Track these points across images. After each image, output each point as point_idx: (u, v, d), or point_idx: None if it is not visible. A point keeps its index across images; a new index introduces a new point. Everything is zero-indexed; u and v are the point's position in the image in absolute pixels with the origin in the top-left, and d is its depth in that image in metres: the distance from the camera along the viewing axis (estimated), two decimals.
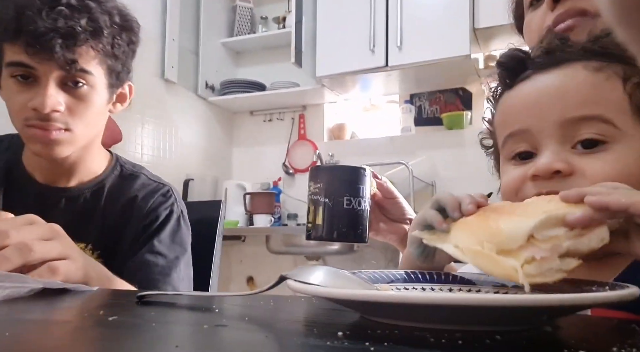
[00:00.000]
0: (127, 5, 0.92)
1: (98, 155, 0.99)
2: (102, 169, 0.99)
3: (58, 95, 0.83)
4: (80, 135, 0.88)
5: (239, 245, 3.01)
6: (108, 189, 0.98)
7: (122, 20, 0.89)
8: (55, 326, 0.40)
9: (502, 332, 0.33)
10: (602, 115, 0.50)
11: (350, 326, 0.38)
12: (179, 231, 0.98)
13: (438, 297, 0.33)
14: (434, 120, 2.84)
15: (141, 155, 2.55)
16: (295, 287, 0.39)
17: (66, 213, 0.93)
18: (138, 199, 0.97)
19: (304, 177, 3.05)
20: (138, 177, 1.01)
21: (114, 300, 0.57)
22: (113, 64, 0.89)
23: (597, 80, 0.51)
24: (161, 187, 1.01)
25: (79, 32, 0.81)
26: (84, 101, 0.86)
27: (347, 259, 2.72)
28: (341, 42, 2.57)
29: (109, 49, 0.86)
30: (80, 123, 0.87)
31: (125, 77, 0.95)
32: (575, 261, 0.37)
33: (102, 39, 0.84)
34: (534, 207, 0.42)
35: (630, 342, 0.29)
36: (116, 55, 0.88)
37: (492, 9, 2.30)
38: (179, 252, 0.95)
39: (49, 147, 0.85)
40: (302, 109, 3.11)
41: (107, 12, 0.85)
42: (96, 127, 0.94)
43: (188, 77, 2.88)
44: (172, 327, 0.40)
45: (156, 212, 0.97)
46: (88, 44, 0.83)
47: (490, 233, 0.39)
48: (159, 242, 0.93)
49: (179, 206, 1.01)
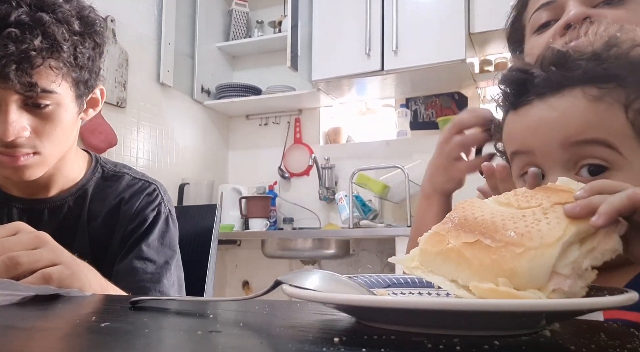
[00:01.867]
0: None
1: (76, 160, 0.95)
2: (82, 173, 0.96)
3: (21, 119, 0.77)
4: (50, 156, 0.83)
5: (234, 249, 3.00)
6: (91, 194, 0.95)
7: (83, 25, 0.80)
8: (46, 333, 0.39)
9: (500, 337, 0.32)
10: (606, 139, 0.50)
11: (346, 331, 0.37)
12: (168, 232, 0.96)
13: (435, 302, 0.32)
14: (430, 124, 2.85)
15: (137, 159, 2.54)
16: (291, 292, 0.38)
17: (51, 224, 0.91)
18: (124, 201, 0.94)
19: (299, 181, 3.05)
20: (122, 177, 0.98)
21: (106, 306, 0.56)
22: (78, 75, 0.82)
23: (597, 109, 0.51)
24: (147, 186, 0.98)
25: (34, 55, 0.73)
26: (50, 121, 0.80)
27: (342, 263, 2.71)
28: (337, 46, 2.58)
29: (72, 61, 0.79)
30: (48, 144, 0.82)
31: (94, 83, 0.88)
32: (593, 273, 0.37)
33: (61, 54, 0.76)
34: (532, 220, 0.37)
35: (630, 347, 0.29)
36: (81, 65, 0.81)
37: (488, 14, 2.32)
38: (169, 256, 0.93)
39: (20, 172, 0.81)
40: (298, 112, 3.12)
41: (64, 21, 0.76)
42: (68, 142, 0.88)
43: (184, 81, 2.88)
44: (165, 333, 0.39)
45: (143, 214, 0.94)
46: (47, 64, 0.75)
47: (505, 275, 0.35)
48: (148, 247, 0.91)
49: (167, 205, 0.98)
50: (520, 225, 0.37)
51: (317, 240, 2.52)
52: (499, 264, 0.35)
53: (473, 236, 0.38)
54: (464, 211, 0.41)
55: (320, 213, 2.93)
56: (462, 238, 0.38)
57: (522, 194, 0.41)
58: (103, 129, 2.30)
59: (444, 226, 0.41)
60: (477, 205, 0.42)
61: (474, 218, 0.39)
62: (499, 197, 0.42)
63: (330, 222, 2.88)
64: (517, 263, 0.35)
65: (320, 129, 3.07)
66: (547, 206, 0.38)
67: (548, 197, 0.39)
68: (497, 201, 0.42)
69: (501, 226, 0.37)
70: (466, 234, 0.38)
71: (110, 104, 2.37)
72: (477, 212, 0.40)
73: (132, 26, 2.52)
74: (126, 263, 0.89)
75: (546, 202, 0.39)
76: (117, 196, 0.95)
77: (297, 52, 2.59)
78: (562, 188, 0.40)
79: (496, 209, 0.40)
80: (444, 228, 0.41)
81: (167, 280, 0.90)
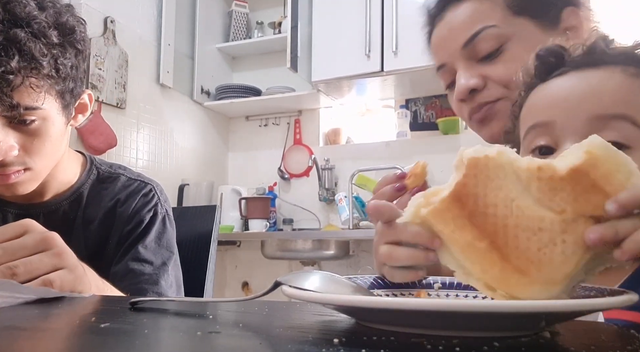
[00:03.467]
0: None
1: (69, 164, 0.94)
2: (76, 176, 0.95)
3: (8, 137, 0.76)
4: (42, 169, 0.83)
5: (234, 250, 3.00)
6: (87, 197, 0.94)
7: (62, 35, 0.77)
8: (46, 334, 0.39)
9: (500, 338, 0.32)
10: (634, 117, 0.49)
11: (345, 332, 0.37)
12: (165, 233, 0.95)
13: (435, 303, 0.32)
14: (430, 125, 2.85)
15: (136, 160, 2.54)
16: (290, 293, 0.38)
17: (46, 228, 0.91)
18: (119, 203, 0.94)
19: (299, 182, 3.05)
20: (117, 178, 0.97)
21: (106, 306, 0.56)
22: (62, 86, 0.79)
23: (633, 86, 0.51)
24: (143, 187, 0.97)
25: (13, 77, 0.70)
26: (38, 136, 0.79)
27: (342, 264, 2.71)
28: (337, 47, 2.57)
29: (54, 75, 0.76)
30: (39, 159, 0.81)
31: (80, 90, 0.86)
32: (593, 277, 0.37)
33: (41, 70, 0.73)
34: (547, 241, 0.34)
35: (630, 348, 0.29)
36: (64, 76, 0.78)
37: None
38: (166, 257, 0.93)
39: (12, 189, 0.81)
40: (298, 113, 3.11)
41: (41, 34, 0.73)
42: (58, 153, 0.87)
43: (184, 82, 2.88)
44: (164, 334, 0.39)
45: (140, 216, 0.93)
46: (27, 83, 0.73)
47: (505, 291, 0.35)
48: (144, 248, 0.90)
49: (163, 206, 0.97)
50: (532, 246, 0.34)
51: (316, 241, 2.52)
52: (501, 282, 0.35)
53: (480, 238, 0.35)
54: (475, 187, 0.36)
55: (320, 214, 2.92)
56: (467, 234, 0.36)
57: (547, 180, 0.35)
58: (103, 130, 2.30)
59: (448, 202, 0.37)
60: (493, 182, 0.36)
61: (485, 211, 0.36)
62: (521, 167, 0.36)
63: (330, 223, 2.88)
64: (519, 291, 0.35)
65: (320, 130, 3.07)
66: (569, 218, 0.34)
67: (575, 198, 0.34)
68: (517, 175, 0.36)
69: (512, 238, 0.35)
70: (472, 230, 0.36)
71: (110, 105, 2.37)
72: (490, 199, 0.36)
73: (132, 27, 2.52)
74: (123, 265, 0.89)
75: (570, 210, 0.34)
76: (112, 197, 0.94)
77: (297, 53, 2.59)
78: (594, 178, 0.34)
79: (512, 196, 0.35)
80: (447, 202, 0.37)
81: (165, 281, 0.90)
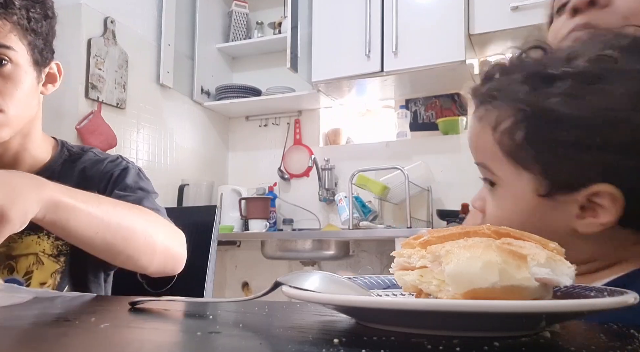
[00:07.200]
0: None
1: (42, 142, 0.97)
2: (48, 156, 0.98)
3: None
4: (14, 117, 0.85)
5: (234, 250, 3.00)
6: (58, 173, 0.96)
7: None
8: (45, 334, 0.39)
9: (500, 338, 0.32)
10: (484, 163, 0.55)
11: (345, 332, 0.37)
12: (141, 180, 0.97)
13: (435, 303, 0.32)
14: (430, 126, 2.85)
15: (136, 160, 2.54)
16: (290, 293, 0.38)
17: None
18: (87, 170, 0.96)
19: (299, 182, 3.05)
20: (86, 154, 1.00)
21: (106, 307, 0.56)
22: (34, 39, 0.86)
23: (479, 130, 0.55)
24: (110, 156, 1.00)
25: None
26: (11, 80, 0.84)
27: (342, 264, 2.71)
28: (337, 47, 2.57)
29: (26, 23, 0.83)
30: (11, 103, 0.84)
31: (50, 56, 0.92)
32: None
33: (14, 10, 0.81)
34: None
35: (630, 348, 0.29)
36: (34, 29, 0.85)
37: (487, 15, 2.32)
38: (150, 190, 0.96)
39: None
40: (298, 114, 3.11)
41: None
42: (30, 108, 0.90)
43: (183, 82, 2.88)
44: (164, 334, 0.39)
45: (111, 172, 0.96)
46: (1, 17, 0.80)
47: None
48: (124, 189, 0.93)
49: (135, 166, 1.00)
50: None
51: (316, 241, 2.52)
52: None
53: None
54: None
55: (320, 214, 2.92)
56: None
57: None
58: (103, 130, 2.30)
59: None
60: None
61: None
62: None
63: (330, 223, 2.88)
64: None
65: (320, 130, 3.07)
66: None
67: None
68: None
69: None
70: None
71: (110, 105, 2.37)
72: None
73: (132, 27, 2.52)
74: None
75: None
76: (80, 168, 0.97)
77: (297, 53, 2.59)
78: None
79: None
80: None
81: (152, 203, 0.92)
